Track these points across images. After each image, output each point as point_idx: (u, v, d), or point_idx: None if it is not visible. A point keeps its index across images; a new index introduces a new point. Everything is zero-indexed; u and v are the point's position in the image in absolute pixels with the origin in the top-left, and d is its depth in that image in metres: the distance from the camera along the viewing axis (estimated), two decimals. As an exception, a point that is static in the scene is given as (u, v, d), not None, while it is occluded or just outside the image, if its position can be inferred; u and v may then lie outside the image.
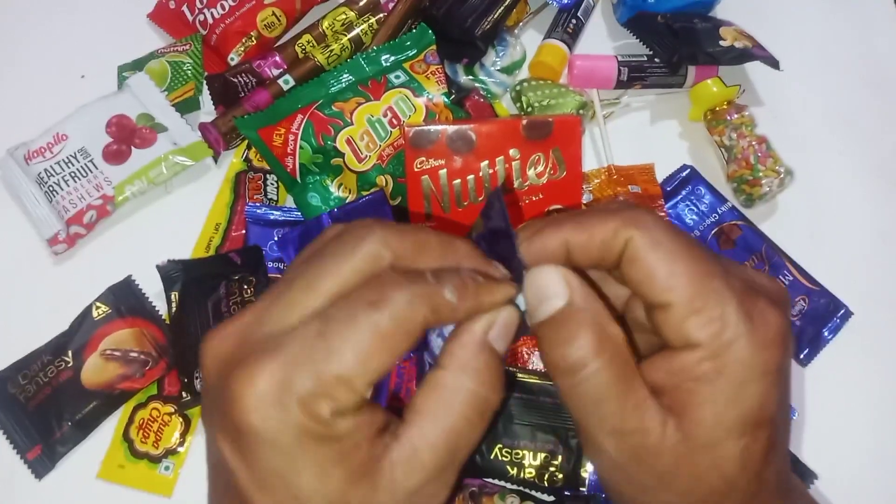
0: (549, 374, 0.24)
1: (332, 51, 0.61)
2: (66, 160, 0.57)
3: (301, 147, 0.56)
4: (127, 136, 0.58)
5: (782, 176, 0.59)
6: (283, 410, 0.20)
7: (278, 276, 0.53)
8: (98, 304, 0.53)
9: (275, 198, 0.58)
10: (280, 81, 0.60)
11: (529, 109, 0.61)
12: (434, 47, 0.59)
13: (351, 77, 0.58)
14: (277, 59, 0.61)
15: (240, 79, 0.61)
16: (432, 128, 0.53)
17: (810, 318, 0.56)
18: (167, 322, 0.53)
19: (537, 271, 0.23)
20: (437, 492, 0.22)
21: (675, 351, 0.23)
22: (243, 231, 0.56)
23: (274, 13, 0.63)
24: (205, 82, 0.62)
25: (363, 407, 0.22)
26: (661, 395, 0.23)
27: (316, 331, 0.21)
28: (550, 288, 0.23)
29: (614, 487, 0.24)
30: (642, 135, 0.64)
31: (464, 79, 0.62)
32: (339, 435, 0.21)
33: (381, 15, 0.62)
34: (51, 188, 0.56)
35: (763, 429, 0.23)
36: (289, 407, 0.20)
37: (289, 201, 0.59)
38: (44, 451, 0.49)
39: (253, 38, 0.63)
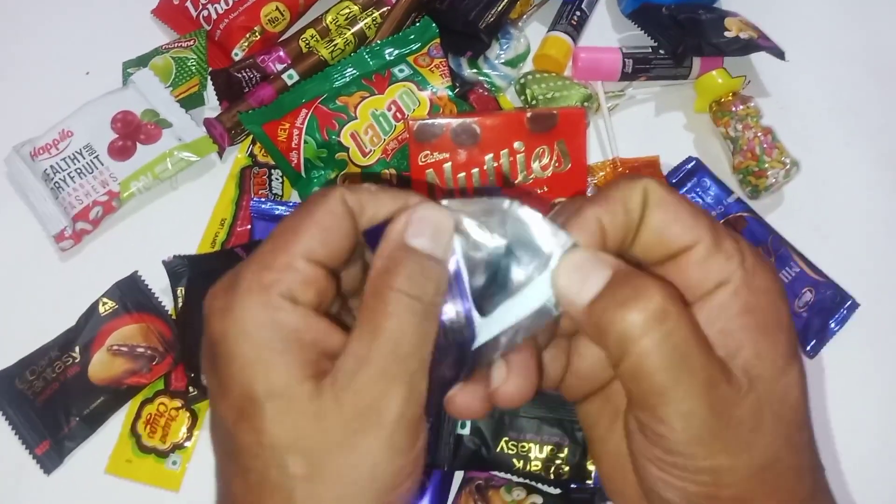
0: (615, 355, 0.22)
1: (335, 45, 0.61)
2: (72, 156, 0.57)
3: (305, 142, 0.56)
4: (132, 132, 0.58)
5: (788, 167, 0.58)
6: (232, 303, 0.21)
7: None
8: (105, 299, 0.53)
9: (280, 193, 0.58)
10: (284, 76, 0.60)
11: (534, 102, 0.60)
12: (438, 41, 0.58)
13: (355, 71, 0.58)
14: (281, 54, 0.61)
15: (244, 74, 0.61)
16: (436, 121, 0.53)
17: (817, 310, 0.56)
18: (173, 317, 0.53)
19: (567, 258, 0.22)
20: (384, 390, 0.21)
21: (706, 297, 0.22)
22: (248, 226, 0.56)
23: (277, 8, 0.63)
24: (209, 78, 0.62)
25: (319, 310, 0.22)
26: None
27: (265, 240, 0.23)
28: (589, 263, 0.22)
29: (697, 462, 0.21)
30: (647, 127, 0.63)
31: (468, 72, 0.62)
32: (286, 325, 0.21)
33: (385, 9, 0.62)
34: (57, 184, 0.56)
35: (799, 355, 0.23)
36: (236, 299, 0.21)
37: (294, 196, 0.59)
38: (52, 446, 0.50)
39: (257, 34, 0.63)
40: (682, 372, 0.21)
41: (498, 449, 0.48)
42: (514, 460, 0.48)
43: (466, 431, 0.48)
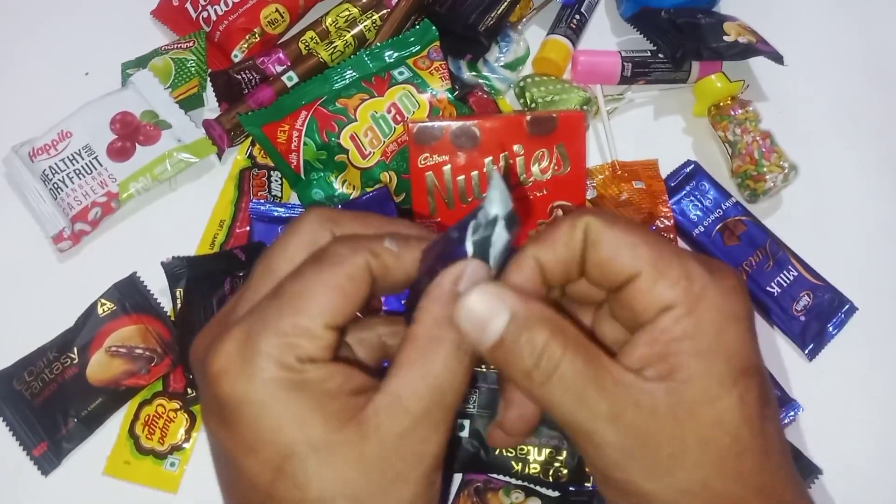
0: (526, 394, 0.23)
1: (335, 47, 0.61)
2: (71, 157, 0.57)
3: (305, 143, 0.56)
4: (131, 133, 0.58)
5: (787, 171, 0.59)
6: (250, 369, 0.21)
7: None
8: (103, 300, 0.53)
9: (279, 194, 0.58)
10: (284, 78, 0.60)
11: (533, 105, 0.60)
12: (437, 43, 0.59)
13: (354, 73, 0.58)
14: (281, 55, 0.61)
15: (243, 75, 0.61)
16: (436, 124, 0.53)
17: (815, 314, 0.56)
18: (172, 319, 0.53)
19: (466, 300, 0.22)
20: (427, 436, 0.22)
21: (651, 322, 0.23)
22: (247, 228, 0.56)
23: (277, 10, 0.63)
24: (208, 79, 0.62)
25: (333, 359, 0.23)
26: (648, 368, 0.22)
27: (271, 296, 0.23)
28: (486, 310, 0.22)
29: (625, 485, 0.22)
30: (646, 130, 0.63)
31: (467, 75, 0.62)
32: (312, 382, 0.22)
33: (385, 11, 0.62)
34: (55, 185, 0.56)
35: (752, 377, 0.22)
36: (255, 364, 0.21)
37: (293, 198, 0.59)
38: (50, 447, 0.50)
39: (256, 35, 0.63)
40: (582, 407, 0.22)
41: (496, 451, 0.48)
42: (513, 463, 0.48)
43: (465, 434, 0.48)
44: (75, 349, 0.51)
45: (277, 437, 0.21)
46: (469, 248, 0.23)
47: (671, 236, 0.58)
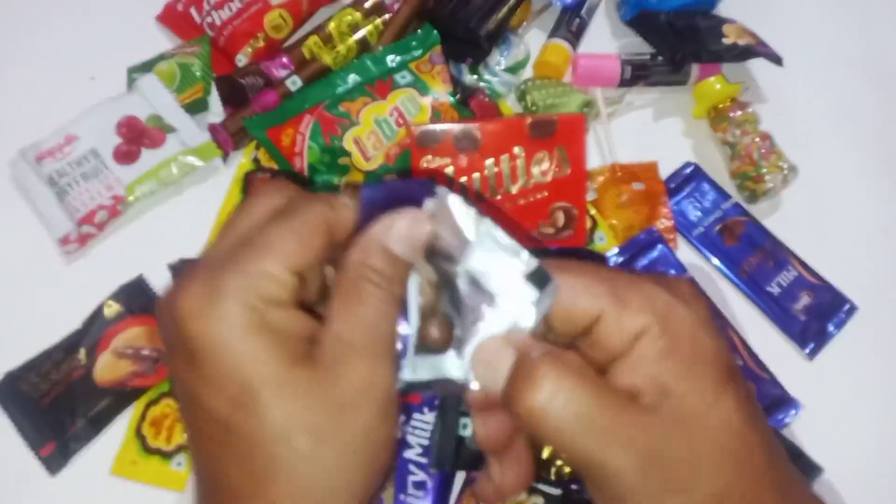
0: (536, 432, 0.23)
1: (338, 52, 0.62)
2: (77, 161, 0.58)
3: (309, 147, 0.56)
4: (137, 137, 0.59)
5: (786, 172, 0.59)
6: (216, 309, 0.23)
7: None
8: (110, 302, 0.54)
9: (283, 197, 0.59)
10: (288, 82, 0.60)
11: (534, 108, 0.61)
12: (439, 48, 0.59)
13: (357, 77, 0.58)
14: (285, 60, 0.62)
15: (248, 80, 0.61)
16: (438, 127, 0.53)
17: (815, 314, 0.56)
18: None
19: (480, 347, 0.24)
20: (372, 367, 0.24)
21: (627, 353, 0.23)
22: (252, 230, 0.57)
23: (281, 15, 0.64)
24: (213, 84, 0.62)
25: (295, 306, 0.24)
26: (640, 396, 0.23)
27: (236, 244, 0.24)
28: (496, 351, 0.24)
29: None
30: (646, 132, 0.64)
31: (469, 78, 0.62)
32: (272, 324, 0.23)
33: (387, 16, 0.63)
34: (62, 189, 0.57)
35: (736, 376, 0.23)
36: (220, 304, 0.23)
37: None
38: (57, 447, 0.50)
39: (260, 40, 0.63)
40: (594, 437, 0.22)
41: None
42: (515, 462, 0.48)
43: (468, 433, 0.48)
44: (82, 350, 0.52)
45: (237, 373, 0.22)
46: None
47: (671, 237, 0.58)
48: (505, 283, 0.24)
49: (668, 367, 0.23)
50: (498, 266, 0.24)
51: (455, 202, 0.25)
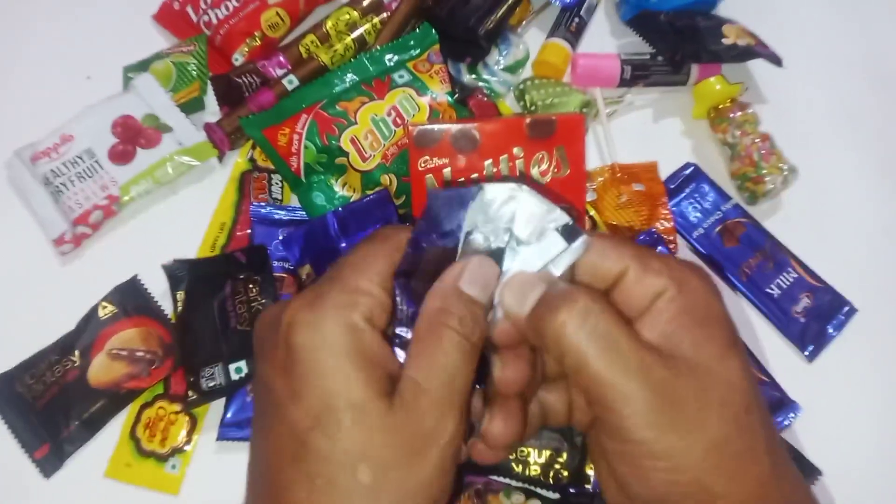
0: (556, 355, 0.25)
1: (335, 51, 0.62)
2: (73, 161, 0.57)
3: (305, 146, 0.56)
4: (132, 137, 0.59)
5: (786, 173, 0.59)
6: (318, 319, 0.24)
7: (283, 275, 0.54)
8: (104, 303, 0.53)
9: (279, 197, 0.59)
10: (284, 81, 0.60)
11: (533, 108, 0.61)
12: (437, 47, 0.59)
13: (355, 77, 0.58)
14: (281, 59, 0.62)
15: (244, 79, 0.61)
16: (436, 127, 0.53)
17: (815, 315, 0.56)
18: (173, 321, 0.53)
19: (510, 281, 0.26)
20: (443, 413, 0.24)
21: (647, 310, 0.25)
22: (248, 230, 0.57)
23: (278, 14, 0.64)
24: (209, 83, 0.62)
25: (384, 328, 0.26)
26: (659, 347, 0.25)
27: (333, 268, 0.26)
28: (528, 283, 0.26)
29: (654, 444, 0.23)
30: (645, 133, 0.64)
31: (467, 78, 0.62)
32: (368, 351, 0.24)
33: (385, 15, 0.63)
34: (57, 188, 0.57)
35: (740, 344, 0.25)
36: (322, 314, 0.24)
37: (293, 201, 0.59)
38: (51, 449, 0.50)
39: (257, 39, 0.63)
40: (615, 358, 0.23)
41: (497, 453, 0.48)
42: (513, 465, 0.48)
43: (465, 436, 0.48)
44: (77, 352, 0.52)
45: (324, 386, 0.23)
46: (461, 243, 0.27)
47: (671, 238, 0.58)
48: (539, 236, 0.27)
49: (683, 324, 0.24)
50: (534, 223, 0.27)
51: (492, 190, 0.27)
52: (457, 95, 0.59)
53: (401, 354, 0.26)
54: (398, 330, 0.26)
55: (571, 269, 0.27)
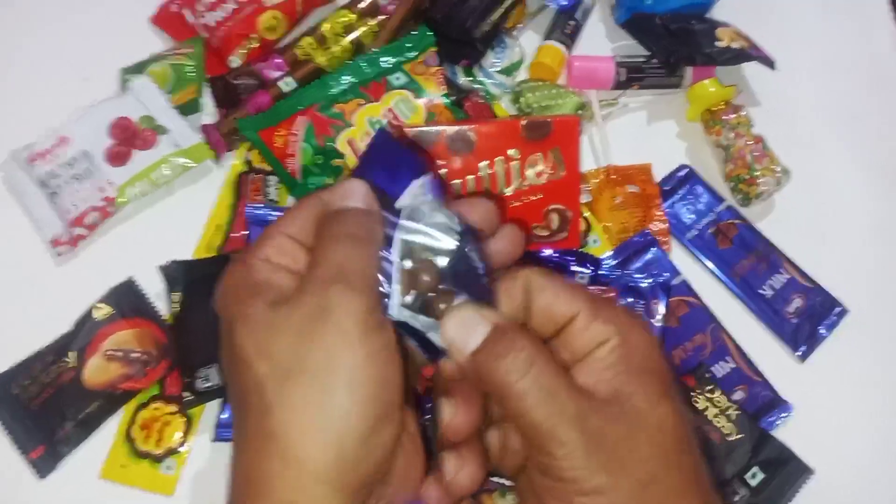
0: (498, 398, 0.26)
1: (332, 53, 0.62)
2: (69, 162, 0.57)
3: (302, 148, 0.56)
4: (129, 138, 0.59)
5: (779, 175, 0.59)
6: (227, 270, 0.28)
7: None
8: (100, 304, 0.53)
9: (276, 199, 0.59)
10: (281, 83, 0.60)
11: (528, 110, 0.61)
12: (434, 49, 0.59)
13: (351, 79, 0.58)
14: (278, 61, 0.62)
15: (241, 81, 0.61)
16: (432, 129, 0.53)
17: (807, 316, 0.56)
18: (169, 322, 0.53)
19: (454, 313, 0.26)
20: (329, 293, 0.25)
21: (589, 355, 0.26)
22: (245, 232, 0.57)
23: (275, 16, 0.64)
24: (206, 85, 0.62)
25: (285, 266, 0.28)
26: (593, 394, 0.26)
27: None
28: (472, 320, 0.26)
29: (583, 482, 0.24)
30: (640, 135, 0.64)
31: (463, 80, 0.62)
32: (254, 274, 0.27)
33: (382, 17, 0.63)
34: (53, 190, 0.57)
35: (674, 392, 0.26)
36: (232, 266, 0.28)
37: (290, 202, 0.59)
38: (47, 450, 0.50)
39: (254, 41, 0.63)
40: (554, 407, 0.24)
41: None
42: (508, 465, 0.48)
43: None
44: (72, 353, 0.52)
45: (227, 312, 0.27)
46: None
47: (665, 239, 0.58)
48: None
49: (620, 372, 0.26)
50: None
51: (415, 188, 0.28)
52: (453, 98, 0.59)
53: None
54: None
55: (526, 310, 0.28)
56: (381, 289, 0.26)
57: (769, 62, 0.63)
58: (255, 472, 0.25)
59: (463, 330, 0.26)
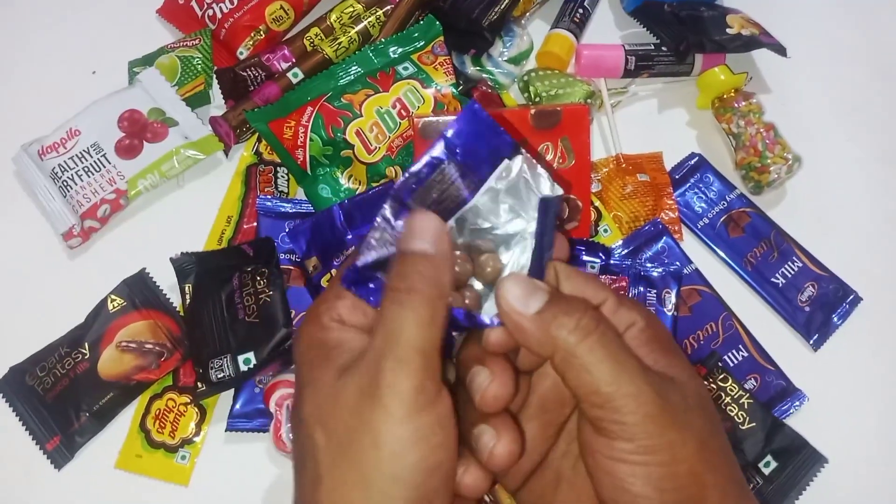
0: (561, 359, 0.25)
1: (340, 43, 0.62)
2: (80, 155, 0.58)
3: (311, 139, 0.56)
4: (139, 131, 0.59)
5: (790, 163, 0.59)
6: (300, 328, 0.28)
7: (290, 267, 0.54)
8: (113, 296, 0.54)
9: (285, 190, 0.59)
10: (289, 74, 0.60)
11: (537, 99, 0.61)
12: (441, 38, 0.59)
13: (359, 69, 0.58)
14: (286, 52, 0.62)
15: (249, 72, 0.61)
16: (441, 118, 0.53)
17: (819, 304, 0.56)
18: (181, 314, 0.54)
19: (511, 278, 0.26)
20: (381, 368, 0.25)
21: (623, 336, 0.27)
22: (255, 223, 0.57)
23: (282, 7, 0.64)
24: (214, 76, 0.62)
25: (357, 325, 0.28)
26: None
27: None
28: (531, 285, 0.26)
29: (655, 437, 0.24)
30: (650, 123, 0.64)
31: (471, 69, 0.62)
32: (328, 335, 0.27)
33: (389, 7, 0.63)
34: (65, 183, 0.57)
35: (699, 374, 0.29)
36: (303, 324, 0.28)
37: (299, 193, 0.59)
38: (62, 441, 0.50)
39: (261, 32, 0.63)
40: (622, 362, 0.25)
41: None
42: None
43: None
44: (86, 345, 0.52)
45: (299, 375, 0.28)
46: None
47: (676, 228, 0.58)
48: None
49: (654, 349, 0.27)
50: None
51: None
52: (461, 87, 0.59)
53: None
54: None
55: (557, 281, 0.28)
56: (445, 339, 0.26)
57: (781, 49, 0.62)
58: None
59: (523, 294, 0.26)
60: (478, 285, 0.29)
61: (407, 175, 0.27)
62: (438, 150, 0.27)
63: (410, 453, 0.24)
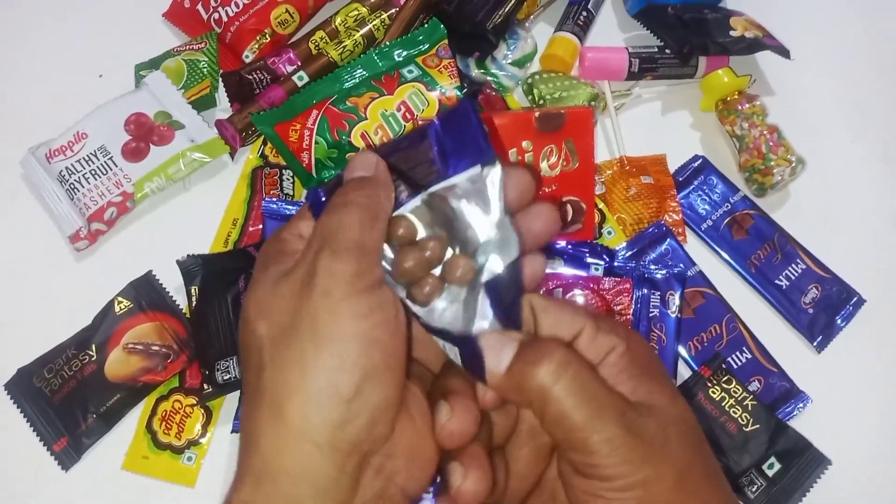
0: (537, 407, 0.26)
1: (345, 47, 0.62)
2: (87, 158, 0.58)
3: (316, 142, 0.56)
4: (145, 134, 0.59)
5: (794, 165, 0.59)
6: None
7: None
8: (120, 298, 0.54)
9: (291, 193, 0.59)
10: (294, 78, 0.61)
11: (541, 102, 0.61)
12: (446, 42, 0.59)
13: (364, 72, 0.58)
14: (291, 55, 0.62)
15: (255, 76, 0.61)
16: (446, 121, 0.53)
17: (823, 306, 0.56)
18: (187, 316, 0.54)
19: (485, 337, 0.27)
20: (317, 261, 0.25)
21: (600, 364, 0.27)
22: (260, 226, 0.57)
23: (287, 10, 0.64)
24: (220, 80, 0.62)
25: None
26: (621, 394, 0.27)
27: None
28: (499, 341, 0.26)
29: (629, 476, 0.25)
30: (654, 125, 0.64)
31: (476, 72, 0.62)
32: (270, 251, 0.28)
33: (393, 10, 0.63)
34: (72, 186, 0.57)
35: (680, 393, 0.28)
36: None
37: (304, 196, 0.59)
38: (70, 442, 0.51)
39: (267, 36, 0.64)
40: (594, 406, 0.25)
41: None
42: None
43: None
44: (93, 346, 0.52)
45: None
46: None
47: (680, 230, 0.58)
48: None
49: (634, 374, 0.27)
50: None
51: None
52: (465, 90, 0.59)
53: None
54: None
55: (535, 326, 0.28)
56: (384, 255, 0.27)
57: (784, 51, 0.62)
58: (248, 426, 0.25)
59: (492, 352, 0.26)
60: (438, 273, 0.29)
61: (389, 141, 0.28)
62: (425, 131, 0.28)
63: (347, 327, 0.24)
